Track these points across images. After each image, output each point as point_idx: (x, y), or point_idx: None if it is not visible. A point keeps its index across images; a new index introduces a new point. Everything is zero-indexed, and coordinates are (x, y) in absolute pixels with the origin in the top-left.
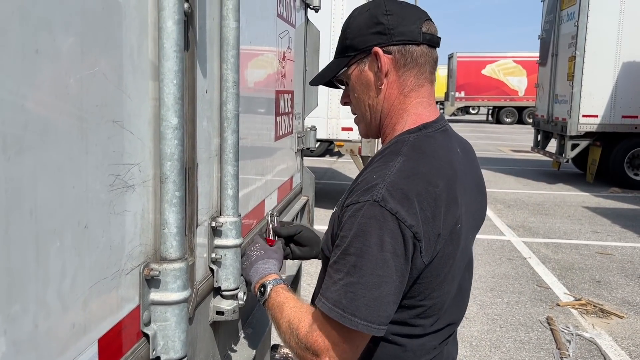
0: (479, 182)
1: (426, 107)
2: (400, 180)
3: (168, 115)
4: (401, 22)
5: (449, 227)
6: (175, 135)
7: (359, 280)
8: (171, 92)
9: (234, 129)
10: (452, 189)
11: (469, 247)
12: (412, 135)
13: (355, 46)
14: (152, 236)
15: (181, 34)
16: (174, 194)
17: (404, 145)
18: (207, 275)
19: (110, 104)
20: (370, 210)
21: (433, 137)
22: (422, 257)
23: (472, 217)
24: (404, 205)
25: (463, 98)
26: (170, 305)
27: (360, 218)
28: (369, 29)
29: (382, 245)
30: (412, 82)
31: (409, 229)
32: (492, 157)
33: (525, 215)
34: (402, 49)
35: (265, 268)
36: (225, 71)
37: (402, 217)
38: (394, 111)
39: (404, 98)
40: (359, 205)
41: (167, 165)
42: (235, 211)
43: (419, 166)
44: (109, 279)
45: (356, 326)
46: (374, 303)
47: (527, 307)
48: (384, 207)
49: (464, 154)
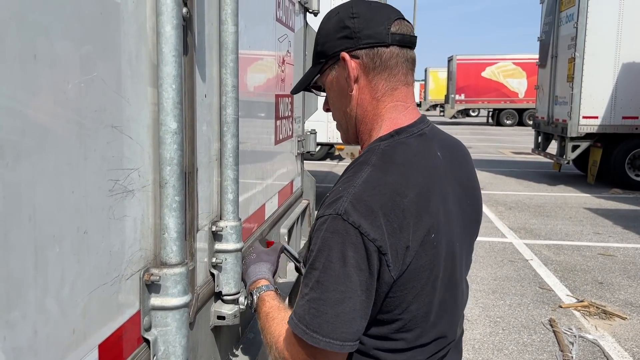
0: (468, 185)
1: (402, 110)
2: (364, 191)
3: (167, 119)
4: (368, 24)
5: (419, 238)
6: (174, 139)
7: (321, 296)
8: (170, 96)
9: (233, 133)
10: (425, 198)
11: (462, 256)
12: (384, 142)
13: (325, 52)
14: (152, 241)
15: (180, 38)
16: (173, 198)
17: (373, 154)
18: (207, 279)
19: (109, 109)
20: (333, 224)
21: (406, 144)
22: (390, 271)
23: (457, 223)
24: (367, 218)
25: (463, 100)
26: (170, 310)
27: (324, 232)
28: (336, 33)
29: (344, 260)
30: (384, 85)
31: (372, 243)
32: (493, 159)
33: (526, 217)
34: (369, 52)
35: (256, 273)
36: (225, 75)
37: (364, 231)
38: (368, 117)
39: (377, 103)
40: (324, 219)
41: (166, 170)
42: (235, 215)
43: (386, 176)
44: (109, 285)
45: (318, 343)
46: (336, 320)
47: (530, 309)
48: (347, 220)
49: (446, 158)
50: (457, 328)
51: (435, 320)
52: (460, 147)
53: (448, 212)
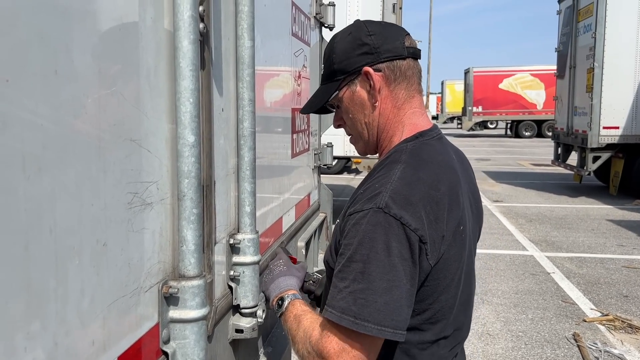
0: (474, 190)
1: (419, 116)
2: (402, 186)
3: (185, 133)
4: (385, 40)
5: (452, 229)
6: (192, 152)
7: (369, 286)
8: (188, 110)
9: (250, 146)
10: (454, 192)
11: (473, 254)
12: (410, 143)
13: (344, 69)
14: (171, 254)
15: (197, 53)
16: (191, 211)
17: (403, 153)
18: (225, 292)
19: (128, 122)
20: (375, 217)
21: (430, 144)
22: (429, 260)
23: (471, 222)
24: (408, 210)
25: (481, 113)
26: (189, 322)
27: (365, 225)
28: (355, 50)
29: (389, 250)
30: (404, 94)
31: (414, 233)
32: (512, 171)
33: (547, 230)
34: (390, 64)
35: (287, 284)
36: (241, 89)
37: (406, 222)
38: (390, 124)
39: (398, 111)
40: (363, 213)
41: (184, 183)
42: (252, 228)
43: (418, 172)
44: (128, 297)
45: (370, 331)
46: (386, 307)
47: (553, 323)
48: (388, 213)
49: (459, 162)
50: (469, 324)
51: (457, 313)
52: (464, 156)
53: (468, 209)
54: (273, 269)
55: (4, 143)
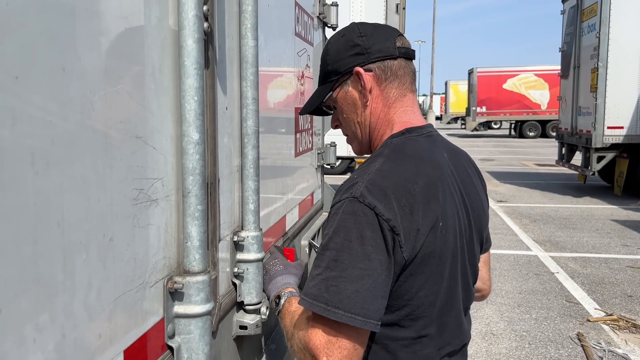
0: (471, 190)
1: (410, 114)
2: (378, 177)
3: (189, 130)
4: (376, 40)
5: (428, 224)
6: (196, 150)
7: (341, 273)
8: (192, 108)
9: (254, 144)
10: (433, 188)
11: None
12: (396, 139)
13: (337, 70)
14: (176, 249)
15: (201, 52)
16: (196, 207)
17: (386, 147)
18: (229, 289)
19: (134, 120)
20: (350, 206)
21: (416, 140)
22: (402, 252)
23: (461, 222)
24: (381, 201)
25: (485, 113)
26: (193, 317)
27: (340, 214)
28: (347, 52)
29: (362, 239)
30: (395, 93)
31: (387, 223)
32: (516, 171)
33: (551, 230)
34: (381, 64)
35: (284, 282)
36: (245, 88)
37: (379, 212)
38: (381, 122)
39: (388, 109)
40: (340, 203)
41: (189, 180)
42: (256, 225)
43: (398, 166)
44: (133, 291)
45: (340, 318)
46: (356, 295)
47: (557, 323)
48: (363, 202)
49: (453, 161)
50: (463, 327)
51: (442, 311)
52: (466, 157)
53: (454, 207)
54: (269, 269)
55: (13, 138)
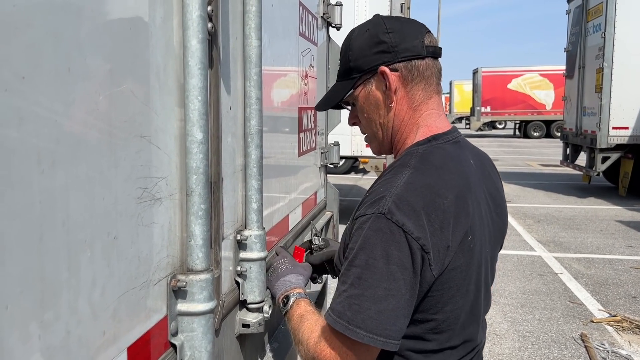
0: (496, 196)
1: (436, 118)
2: (407, 192)
3: (193, 130)
4: (404, 38)
5: (458, 239)
6: (200, 149)
7: (364, 292)
8: (196, 108)
9: (257, 144)
10: (463, 201)
11: (487, 264)
12: (421, 147)
13: (360, 67)
14: (179, 248)
15: (205, 52)
16: (199, 206)
17: (412, 157)
18: (232, 288)
19: (138, 119)
20: (377, 223)
21: (443, 148)
22: (432, 270)
23: (487, 231)
24: (411, 218)
25: (489, 113)
26: (196, 315)
27: (366, 230)
28: (371, 48)
29: (388, 258)
30: (421, 95)
31: (416, 242)
32: (521, 171)
33: (555, 230)
34: (408, 64)
35: (293, 282)
36: (249, 88)
37: (408, 229)
38: (405, 126)
39: (413, 112)
40: (366, 218)
41: (192, 179)
42: (259, 225)
43: (426, 178)
44: (137, 289)
45: (361, 338)
46: (379, 316)
47: (560, 323)
48: (390, 219)
49: (478, 167)
50: (482, 334)
51: (465, 323)
52: (488, 159)
53: (481, 218)
54: (278, 267)
55: (20, 138)
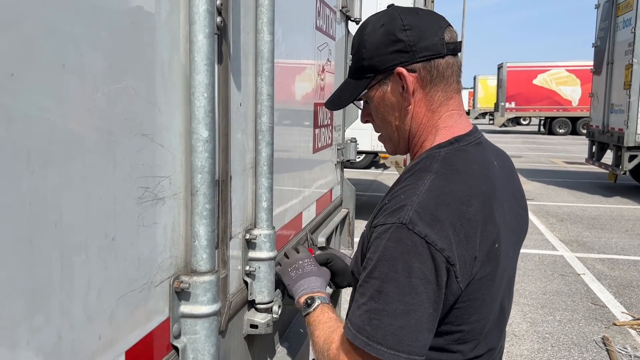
0: (517, 195)
1: (457, 119)
2: (429, 200)
3: (199, 128)
4: (422, 35)
5: (485, 248)
6: (205, 148)
7: (384, 307)
8: (202, 105)
9: (268, 141)
10: (489, 207)
11: (511, 265)
12: (443, 149)
13: (375, 67)
14: (183, 249)
15: (212, 47)
16: (204, 206)
17: (434, 161)
18: (241, 287)
19: (140, 117)
20: (397, 233)
21: (466, 151)
22: (458, 283)
23: (511, 233)
24: (434, 228)
25: (513, 109)
26: (200, 318)
27: (386, 241)
28: (387, 47)
29: (410, 271)
30: (440, 96)
31: (441, 253)
32: (544, 169)
33: (579, 230)
34: (427, 65)
35: (318, 285)
36: (260, 84)
37: (432, 241)
38: (423, 129)
39: (432, 114)
40: (386, 227)
41: (197, 178)
42: (269, 224)
43: (450, 184)
44: (137, 291)
45: (382, 355)
46: (400, 332)
47: (581, 325)
48: (412, 230)
49: (501, 168)
50: (503, 339)
51: (490, 331)
52: (507, 157)
53: (505, 223)
54: (304, 266)
55: (8, 137)
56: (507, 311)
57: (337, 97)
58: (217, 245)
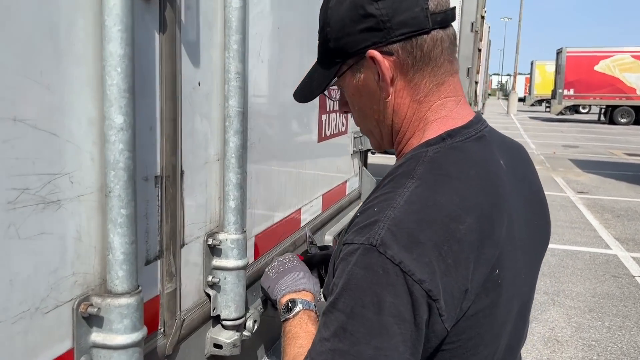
0: (533, 200)
1: (452, 107)
2: (408, 215)
3: (111, 112)
4: (398, 7)
5: (481, 277)
6: (119, 137)
7: (349, 349)
8: (114, 82)
9: (237, 129)
10: (487, 223)
11: (524, 290)
12: (432, 148)
13: (343, 50)
14: (97, 263)
15: (128, 9)
16: (119, 211)
17: (419, 163)
18: (201, 301)
19: (7, 96)
20: (366, 258)
21: (461, 149)
22: (443, 322)
23: (522, 251)
24: (412, 252)
25: (572, 96)
26: (115, 349)
27: (352, 266)
28: (355, 24)
29: (380, 306)
30: (428, 83)
31: (419, 285)
32: (602, 160)
33: (637, 227)
34: (406, 45)
35: (305, 281)
36: (227, 60)
37: (408, 269)
38: (408, 123)
39: (419, 105)
40: (353, 248)
41: (110, 176)
42: (238, 227)
43: (436, 194)
44: (8, 324)
45: None
46: None
47: (633, 334)
48: (384, 253)
49: (510, 167)
50: None
51: None
52: (521, 150)
53: (513, 239)
54: (284, 262)
55: None
56: (519, 345)
57: (305, 86)
58: (158, 254)
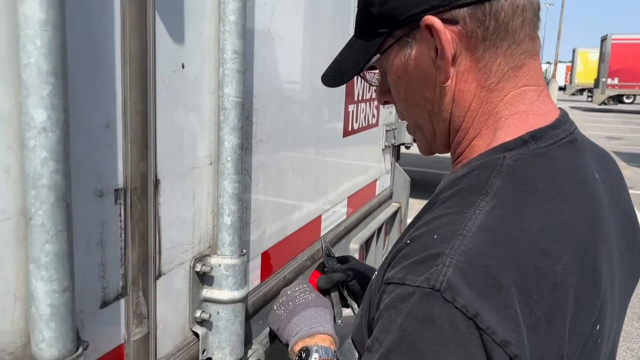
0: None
1: (533, 100)
2: (485, 248)
3: (28, 105)
4: None
5: (582, 338)
6: (41, 142)
7: None
8: (32, 61)
9: (234, 125)
10: (591, 260)
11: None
12: (511, 153)
13: (390, 16)
14: (17, 317)
15: None
16: (42, 247)
17: (495, 174)
18: (187, 342)
19: None
20: (426, 307)
21: (551, 158)
22: None
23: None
24: (492, 302)
25: (616, 85)
26: None
27: (404, 317)
28: None
29: None
30: (502, 64)
31: (502, 349)
32: None
33: None
34: (476, 10)
35: (320, 320)
36: (223, 35)
37: (487, 325)
38: (473, 117)
39: (489, 94)
40: (404, 292)
41: (30, 196)
42: (234, 249)
43: (523, 219)
44: None
45: None
46: None
47: None
48: (452, 302)
49: (606, 182)
50: None
51: None
52: (612, 161)
53: (613, 282)
54: (295, 297)
55: None
56: None
57: (337, 67)
58: (121, 292)
